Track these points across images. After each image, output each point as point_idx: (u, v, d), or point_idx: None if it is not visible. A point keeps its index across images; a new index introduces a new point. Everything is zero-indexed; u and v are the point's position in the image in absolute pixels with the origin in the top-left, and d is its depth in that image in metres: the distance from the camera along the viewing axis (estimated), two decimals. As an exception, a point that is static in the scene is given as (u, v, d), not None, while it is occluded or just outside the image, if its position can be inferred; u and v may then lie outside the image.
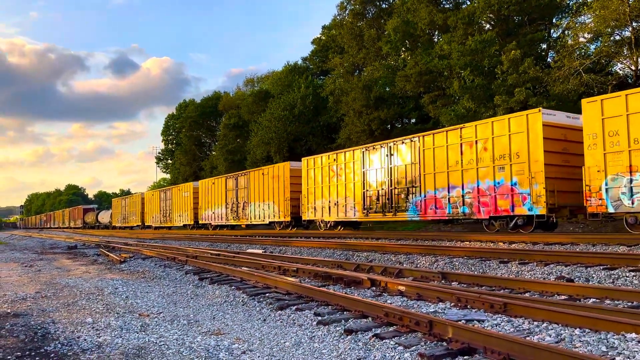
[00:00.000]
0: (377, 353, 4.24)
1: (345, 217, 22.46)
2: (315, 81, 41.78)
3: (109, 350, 4.67)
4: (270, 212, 27.39)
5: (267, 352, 4.49)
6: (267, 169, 28.17)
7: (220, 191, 33.05)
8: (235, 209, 31.09)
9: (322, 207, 23.78)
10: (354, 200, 21.78)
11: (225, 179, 32.86)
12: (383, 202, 20.27)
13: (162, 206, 43.23)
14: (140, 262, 13.38)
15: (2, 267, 13.68)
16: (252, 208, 29.34)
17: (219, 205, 33.15)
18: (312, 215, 24.55)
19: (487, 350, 3.96)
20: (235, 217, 31.01)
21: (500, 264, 9.23)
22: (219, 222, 33.41)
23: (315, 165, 24.39)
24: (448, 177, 17.48)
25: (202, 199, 35.66)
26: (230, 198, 31.71)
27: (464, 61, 24.66)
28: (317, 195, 24.20)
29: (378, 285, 7.34)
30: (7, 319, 6.21)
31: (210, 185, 34.60)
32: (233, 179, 31.70)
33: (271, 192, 27.34)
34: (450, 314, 5.44)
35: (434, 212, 18.03)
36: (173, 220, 40.73)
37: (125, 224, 53.13)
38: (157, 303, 7.33)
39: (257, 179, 28.85)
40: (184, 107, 60.58)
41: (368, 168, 21.18)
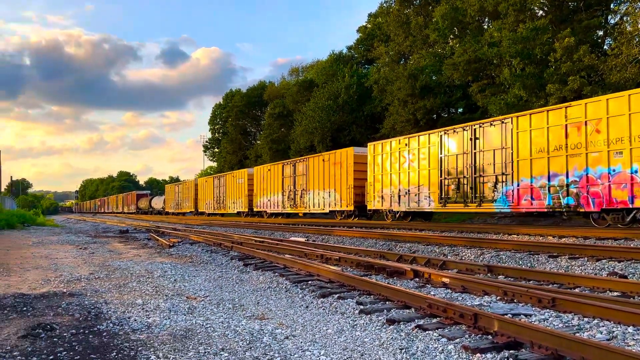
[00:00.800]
0: (419, 344, 4.22)
1: (417, 207, 20.72)
2: (359, 70, 41.51)
3: (158, 330, 4.84)
4: (331, 200, 26.02)
5: (310, 338, 4.55)
6: (328, 155, 26.79)
7: (276, 178, 31.95)
8: (292, 197, 30.00)
9: (391, 196, 22.12)
10: (429, 189, 20.03)
11: (282, 165, 31.69)
12: (464, 191, 18.48)
13: (216, 193, 42.16)
14: (188, 247, 13.75)
15: (59, 249, 14.36)
16: (310, 196, 28.03)
17: (275, 193, 32.10)
18: (379, 204, 22.89)
19: (534, 345, 3.87)
20: (293, 205, 29.95)
21: (549, 259, 8.97)
22: (274, 210, 32.48)
23: (383, 150, 22.70)
24: (548, 163, 15.53)
25: (257, 186, 34.73)
26: (287, 185, 30.57)
27: (514, 49, 23.89)
28: (385, 183, 22.51)
29: (421, 277, 7.28)
30: (63, 298, 6.53)
31: (265, 172, 33.58)
32: (291, 165, 30.53)
33: (332, 179, 25.94)
34: (496, 307, 5.34)
35: (529, 203, 16.10)
36: (227, 207, 39.86)
37: (178, 210, 52.69)
38: (203, 287, 7.52)
39: (316, 166, 27.49)
40: (230, 96, 61.51)
41: (447, 153, 19.33)
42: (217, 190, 41.85)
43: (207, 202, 44.13)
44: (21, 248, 14.69)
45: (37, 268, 9.82)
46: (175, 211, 53.75)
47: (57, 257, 11.94)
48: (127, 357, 3.96)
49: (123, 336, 4.62)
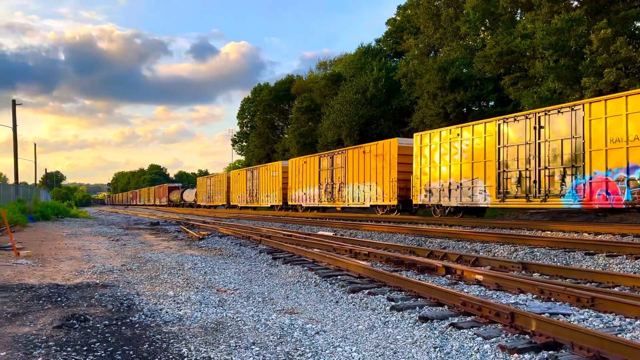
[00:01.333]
0: (454, 342, 4.11)
1: (471, 203, 19.10)
2: (388, 63, 41.11)
3: (189, 323, 4.85)
4: (372, 194, 24.56)
5: (341, 334, 4.49)
6: (369, 146, 25.22)
7: (312, 171, 30.63)
8: (329, 190, 28.77)
9: (440, 190, 20.42)
10: (485, 183, 18.34)
11: (319, 157, 30.34)
12: (527, 185, 16.84)
13: (249, 186, 41.03)
14: (217, 240, 13.86)
15: (92, 241, 14.66)
16: (349, 189, 26.67)
17: (311, 186, 30.78)
18: (426, 199, 21.24)
19: (574, 346, 3.73)
20: (330, 199, 28.68)
21: (586, 256, 8.70)
22: (310, 204, 31.22)
23: (432, 141, 21.08)
24: (627, 154, 13.99)
25: (292, 179, 33.40)
26: (325, 178, 29.26)
27: (548, 41, 23.27)
28: (434, 177, 20.86)
29: (453, 273, 7.14)
30: (96, 289, 6.63)
31: (301, 164, 32.27)
32: (328, 157, 29.17)
33: (373, 172, 24.45)
34: (532, 306, 5.19)
35: (603, 198, 14.64)
36: (260, 200, 38.88)
37: (210, 203, 51.86)
38: (233, 280, 7.55)
39: (356, 158, 26.03)
40: (258, 90, 61.79)
41: (506, 144, 17.63)
42: (250, 183, 40.77)
43: (240, 195, 43.23)
44: (55, 239, 15.06)
45: (71, 259, 10.02)
46: (207, 204, 53.04)
47: (90, 249, 12.18)
48: (159, 349, 3.98)
49: (155, 328, 4.65)
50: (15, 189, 32.39)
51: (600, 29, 21.47)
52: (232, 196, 45.43)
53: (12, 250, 10.54)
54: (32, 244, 13.18)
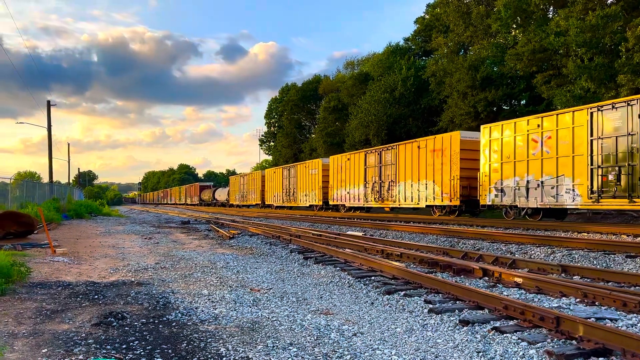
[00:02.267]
0: (498, 347, 3.99)
1: (555, 204, 16.65)
2: (417, 62, 40.73)
3: (225, 322, 4.84)
4: (429, 193, 22.28)
5: (379, 337, 4.40)
6: (425, 141, 22.82)
7: (357, 168, 28.25)
8: (377, 189, 26.37)
9: (515, 190, 17.92)
10: (573, 181, 16.05)
11: (364, 154, 27.92)
12: (630, 183, 14.44)
13: (285, 184, 38.89)
14: (248, 239, 13.90)
15: (125, 239, 14.88)
16: (400, 188, 24.27)
17: (356, 185, 28.46)
18: (497, 199, 18.68)
19: (626, 352, 3.57)
20: (378, 199, 26.35)
21: (627, 259, 8.40)
22: (354, 204, 28.89)
23: (504, 133, 18.49)
24: None
25: (334, 177, 31.17)
26: (371, 176, 26.88)
27: (582, 38, 22.65)
28: (507, 174, 18.33)
29: (491, 276, 6.97)
30: (132, 287, 6.69)
31: (344, 161, 30.00)
32: (376, 154, 26.77)
33: (430, 169, 22.19)
34: (577, 310, 5.01)
35: None
36: (297, 199, 36.49)
37: (244, 202, 49.91)
38: (266, 279, 7.53)
39: (409, 154, 23.69)
40: (286, 90, 62.04)
41: (601, 135, 15.16)
42: (287, 182, 38.59)
43: (275, 194, 41.27)
44: (90, 237, 15.34)
45: (106, 257, 10.18)
46: (240, 203, 51.23)
47: (124, 247, 12.36)
48: (197, 349, 3.96)
49: (192, 327, 4.65)
50: (49, 188, 33.22)
51: (637, 26, 20.80)
52: (267, 195, 43.58)
53: (49, 247, 10.76)
54: (67, 241, 13.45)
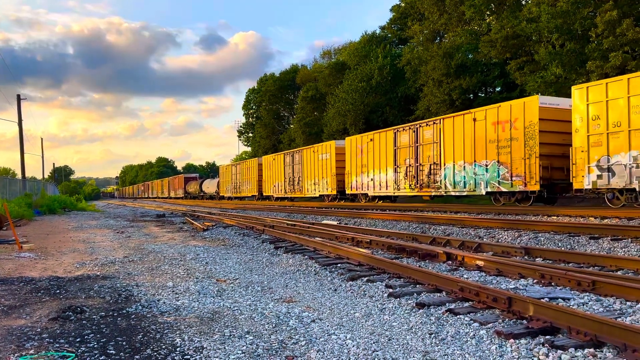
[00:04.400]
0: (450, 328, 4.06)
1: None
2: (393, 51, 40.81)
3: (185, 313, 4.83)
4: (490, 177, 18.19)
5: (337, 322, 4.45)
6: (483, 111, 18.72)
7: (383, 150, 24.41)
8: (414, 174, 22.29)
9: (630, 168, 13.75)
10: None
11: (394, 132, 23.81)
12: None
13: (288, 173, 34.80)
14: (222, 231, 13.86)
15: (97, 233, 14.72)
16: (447, 172, 20.30)
17: (383, 169, 24.53)
18: (601, 181, 14.43)
19: (571, 330, 3.66)
20: (415, 185, 22.23)
21: (590, 240, 8.60)
22: (380, 192, 24.95)
23: (609, 94, 14.25)
24: None
25: (351, 162, 27.32)
26: (404, 159, 22.96)
27: (554, 24, 22.95)
28: (616, 147, 14.11)
29: (454, 259, 7.07)
30: (96, 281, 6.63)
31: (365, 143, 26.11)
32: (410, 131, 22.66)
33: (492, 146, 18.09)
34: (532, 291, 5.12)
35: None
36: (304, 189, 32.49)
37: (237, 194, 45.97)
38: (234, 269, 7.53)
39: (459, 129, 19.65)
40: (263, 81, 61.68)
41: None
42: (290, 170, 34.49)
43: (276, 184, 37.16)
44: (60, 232, 15.13)
45: (74, 251, 10.06)
46: (232, 195, 47.37)
47: (95, 241, 12.23)
48: (152, 340, 3.95)
49: (151, 318, 4.63)
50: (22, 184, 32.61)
51: (606, 11, 21.14)
52: (265, 185, 39.40)
53: (15, 244, 10.59)
54: (36, 237, 13.25)
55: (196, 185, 62.26)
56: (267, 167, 39.00)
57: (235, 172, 47.03)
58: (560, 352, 3.37)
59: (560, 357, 3.29)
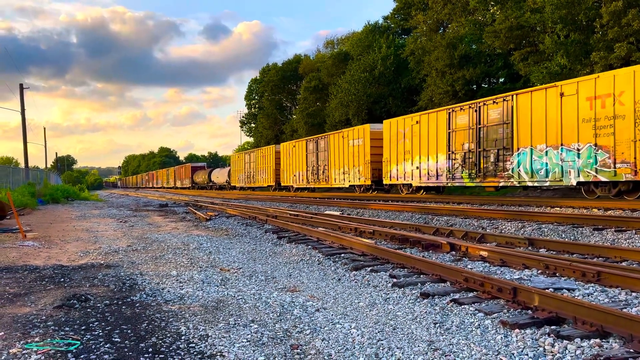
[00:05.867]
0: (455, 318, 4.06)
1: None
2: (396, 41, 40.57)
3: (190, 302, 4.84)
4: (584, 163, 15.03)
5: (341, 311, 4.45)
6: (574, 84, 15.47)
7: (434, 133, 21.06)
8: (474, 160, 18.92)
9: None
10: None
11: (448, 113, 20.33)
12: None
13: (311, 161, 31.85)
14: (224, 221, 13.87)
15: (100, 222, 14.74)
16: (521, 158, 16.94)
17: (432, 156, 21.19)
18: None
19: (577, 320, 3.66)
20: (477, 174, 18.81)
21: (594, 231, 8.59)
22: (430, 182, 21.51)
23: None
24: None
25: (390, 148, 23.94)
26: (462, 143, 19.58)
27: (558, 15, 22.76)
28: None
29: (458, 250, 7.07)
30: (100, 269, 6.64)
31: (410, 125, 22.55)
32: (471, 110, 19.16)
33: (587, 126, 14.93)
34: (536, 281, 5.11)
35: None
36: (331, 179, 29.38)
37: (251, 184, 42.90)
38: (237, 259, 7.54)
39: (538, 106, 16.36)
40: (266, 71, 61.37)
41: None
42: (314, 157, 31.53)
43: (297, 173, 34.02)
44: (64, 221, 15.16)
45: (78, 240, 10.08)
46: (246, 185, 44.25)
47: (98, 230, 12.25)
48: (157, 328, 3.96)
49: (155, 307, 4.63)
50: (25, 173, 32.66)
51: (611, 1, 20.94)
52: (284, 175, 36.29)
53: (19, 232, 10.62)
54: (40, 226, 13.28)
55: (204, 174, 59.39)
56: (286, 154, 35.89)
57: (248, 160, 43.69)
58: (566, 342, 3.36)
59: (566, 347, 3.29)
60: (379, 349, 3.43)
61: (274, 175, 38.12)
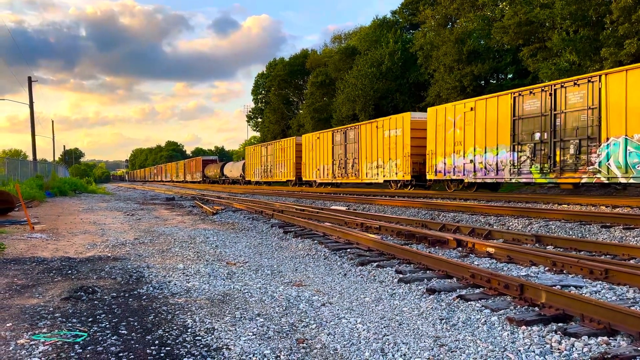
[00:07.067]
0: (461, 314, 4.05)
1: None
2: (404, 36, 40.38)
3: (196, 295, 4.85)
4: None
5: (347, 306, 4.45)
6: None
7: (493, 122, 18.26)
8: (548, 153, 16.08)
9: None
10: None
11: (512, 97, 17.42)
12: None
13: (338, 153, 29.16)
14: (231, 215, 13.90)
15: (108, 215, 14.81)
16: (612, 150, 14.33)
17: (491, 148, 18.40)
18: None
19: (584, 318, 3.64)
20: (551, 169, 16.02)
21: (602, 229, 8.53)
22: (488, 177, 18.67)
23: None
24: None
25: (437, 139, 21.12)
26: (531, 133, 16.65)
27: (568, 10, 22.56)
28: None
29: (465, 246, 7.04)
30: (107, 262, 6.68)
31: (462, 112, 19.80)
32: (544, 94, 16.22)
33: None
34: (544, 278, 5.08)
35: None
36: (361, 173, 26.74)
37: (268, 178, 40.53)
38: (243, 253, 7.56)
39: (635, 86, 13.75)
40: (273, 65, 61.30)
41: None
42: (341, 150, 28.82)
43: (321, 167, 31.29)
44: (71, 214, 15.24)
45: (85, 233, 10.13)
46: (262, 180, 41.79)
47: (105, 223, 12.31)
48: (163, 321, 3.98)
49: (162, 300, 4.65)
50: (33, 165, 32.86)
51: (622, -3, 20.74)
52: (306, 169, 33.65)
53: (27, 224, 10.69)
54: (47, 218, 13.36)
55: (216, 168, 56.75)
56: (309, 147, 33.04)
57: (265, 153, 40.89)
58: (573, 339, 3.35)
59: (574, 344, 3.27)
60: (385, 344, 3.43)
61: (294, 169, 35.81)
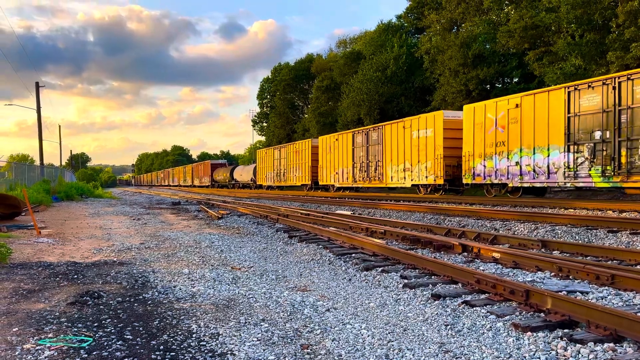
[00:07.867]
0: (466, 320, 4.03)
1: None
2: (409, 40, 40.41)
3: (201, 300, 4.86)
4: None
5: (352, 312, 4.44)
6: None
7: (543, 120, 16.41)
8: (611, 153, 14.46)
9: None
10: None
11: (566, 92, 15.68)
12: None
13: (359, 156, 27.43)
14: (236, 219, 13.92)
15: (114, 220, 14.87)
16: None
17: (540, 149, 16.61)
18: None
19: (590, 324, 3.61)
20: (614, 171, 14.34)
21: (609, 234, 8.48)
22: (537, 181, 16.94)
23: None
24: None
25: (474, 140, 19.26)
26: (590, 132, 15.02)
27: (573, 15, 22.52)
28: None
29: (470, 251, 7.02)
30: (113, 266, 6.70)
31: (505, 109, 17.91)
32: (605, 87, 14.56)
33: None
34: (549, 283, 5.06)
35: None
36: (386, 177, 24.88)
37: (281, 182, 38.53)
38: (248, 257, 7.56)
39: None
40: (278, 70, 61.50)
41: None
42: (363, 152, 27.13)
43: (340, 170, 29.49)
44: (78, 218, 15.32)
45: (91, 237, 10.18)
46: (275, 184, 39.90)
47: (111, 228, 12.36)
48: (168, 326, 3.98)
49: (167, 304, 4.66)
50: (40, 170, 33.06)
51: (628, 1, 20.69)
52: (323, 173, 31.76)
53: (34, 229, 10.75)
54: (54, 223, 13.43)
55: (225, 172, 55.00)
56: (326, 149, 31.16)
57: (279, 156, 38.97)
58: (579, 346, 3.33)
59: (579, 351, 3.25)
60: (390, 350, 3.42)
61: (309, 173, 33.79)
